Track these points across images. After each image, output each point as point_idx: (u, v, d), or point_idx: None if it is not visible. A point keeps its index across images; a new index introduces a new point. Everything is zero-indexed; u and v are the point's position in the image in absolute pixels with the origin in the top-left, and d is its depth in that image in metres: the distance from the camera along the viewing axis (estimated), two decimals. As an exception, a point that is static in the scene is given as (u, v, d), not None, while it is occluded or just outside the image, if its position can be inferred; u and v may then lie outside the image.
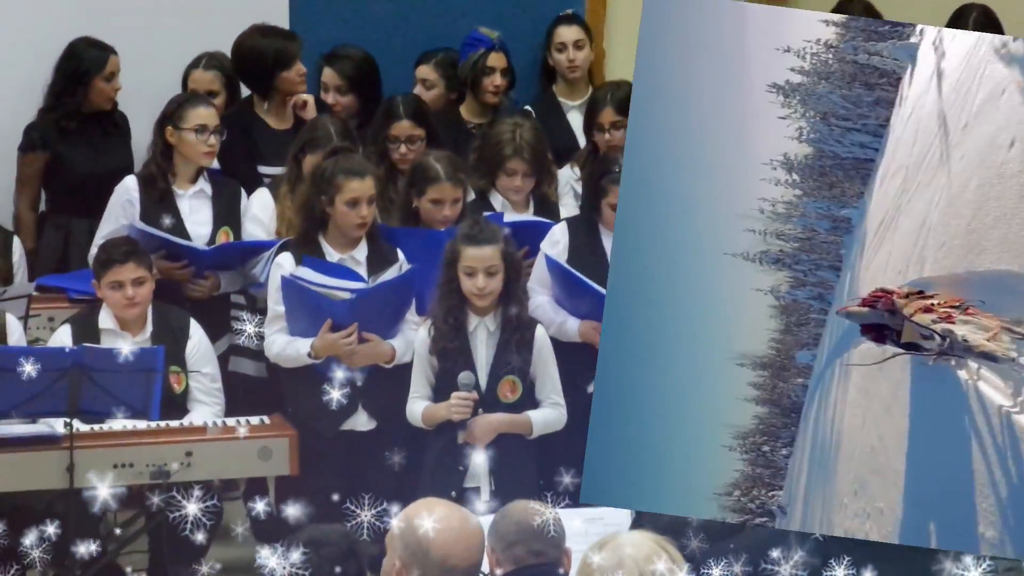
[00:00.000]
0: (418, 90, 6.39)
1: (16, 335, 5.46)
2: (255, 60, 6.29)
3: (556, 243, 5.49)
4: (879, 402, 4.61)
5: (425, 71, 6.44)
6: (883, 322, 4.24)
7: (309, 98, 6.33)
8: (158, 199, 5.76)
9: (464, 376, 5.15)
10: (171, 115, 5.84)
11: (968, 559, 3.75)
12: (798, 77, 4.94)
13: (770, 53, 4.87)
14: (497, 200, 5.80)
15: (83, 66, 6.13)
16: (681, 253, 5.08)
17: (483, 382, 5.17)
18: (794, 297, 5.31)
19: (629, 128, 4.63)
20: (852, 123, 5.22)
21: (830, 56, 4.95)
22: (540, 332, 5.25)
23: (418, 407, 5.26)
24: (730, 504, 4.88)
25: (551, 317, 5.40)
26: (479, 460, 5.12)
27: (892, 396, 4.46)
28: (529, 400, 5.23)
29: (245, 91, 6.39)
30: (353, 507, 3.94)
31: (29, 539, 4.50)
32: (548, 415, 5.21)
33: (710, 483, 5.02)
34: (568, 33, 6.57)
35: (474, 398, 5.14)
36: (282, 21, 6.48)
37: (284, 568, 3.65)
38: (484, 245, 5.17)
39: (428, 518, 3.58)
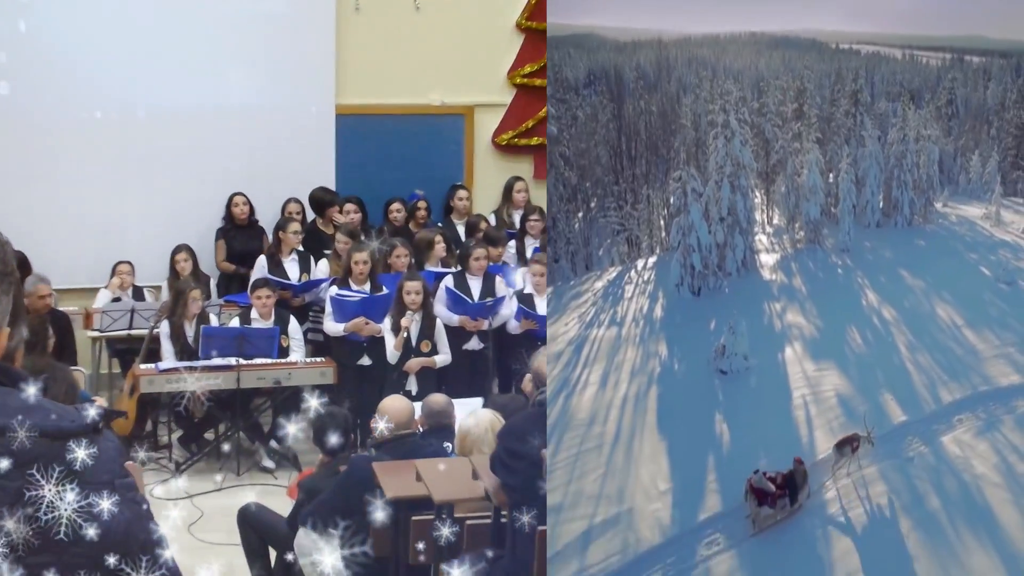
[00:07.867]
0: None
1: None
2: (317, 201, 12.24)
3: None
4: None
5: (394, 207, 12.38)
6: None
7: (340, 217, 12.09)
8: (275, 264, 11.37)
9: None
10: (280, 227, 11.54)
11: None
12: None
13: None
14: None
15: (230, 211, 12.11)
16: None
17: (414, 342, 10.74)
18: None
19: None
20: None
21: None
22: (439, 322, 10.66)
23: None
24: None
25: (447, 315, 10.91)
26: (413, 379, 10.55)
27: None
28: (435, 351, 10.59)
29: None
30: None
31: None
32: (444, 357, 10.71)
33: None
34: (461, 192, 12.75)
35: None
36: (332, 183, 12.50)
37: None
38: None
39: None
